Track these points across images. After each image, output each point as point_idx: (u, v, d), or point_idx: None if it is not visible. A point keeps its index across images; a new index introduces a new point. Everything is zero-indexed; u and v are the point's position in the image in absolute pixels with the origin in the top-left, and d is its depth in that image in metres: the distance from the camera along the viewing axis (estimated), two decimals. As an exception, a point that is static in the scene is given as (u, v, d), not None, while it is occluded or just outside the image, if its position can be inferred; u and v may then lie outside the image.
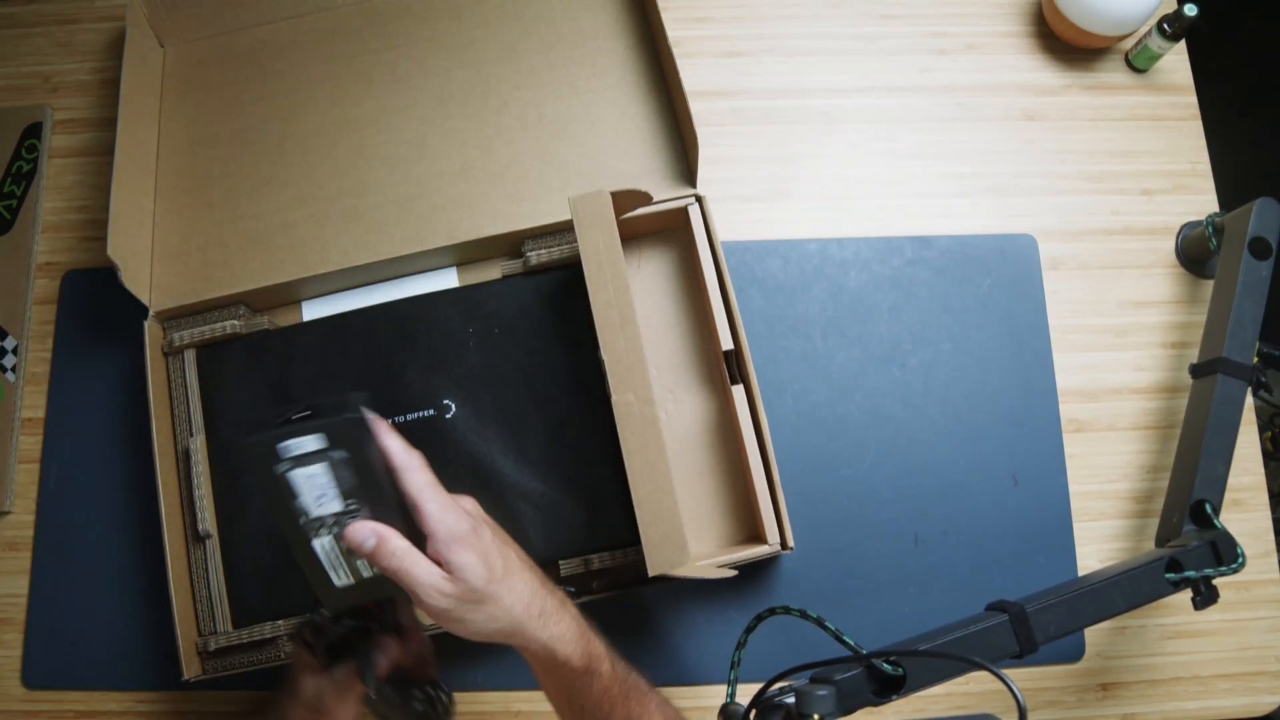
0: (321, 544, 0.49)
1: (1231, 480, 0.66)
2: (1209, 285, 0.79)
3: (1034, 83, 0.85)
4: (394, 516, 0.48)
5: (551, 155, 0.78)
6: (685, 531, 0.60)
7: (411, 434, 0.70)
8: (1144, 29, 0.82)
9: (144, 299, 0.73)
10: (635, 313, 0.64)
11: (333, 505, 0.48)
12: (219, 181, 0.79)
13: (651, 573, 0.59)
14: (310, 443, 0.46)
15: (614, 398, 0.62)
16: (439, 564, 0.48)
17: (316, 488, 0.47)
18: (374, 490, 0.48)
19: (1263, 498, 0.76)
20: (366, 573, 0.50)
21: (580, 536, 0.69)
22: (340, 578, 0.50)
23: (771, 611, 0.52)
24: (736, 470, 0.72)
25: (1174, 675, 0.72)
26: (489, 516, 0.53)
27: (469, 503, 0.52)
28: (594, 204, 0.66)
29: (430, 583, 0.47)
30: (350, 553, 0.49)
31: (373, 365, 0.72)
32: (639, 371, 0.62)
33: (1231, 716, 0.72)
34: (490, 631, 0.49)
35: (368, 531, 0.47)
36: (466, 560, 0.47)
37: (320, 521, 0.48)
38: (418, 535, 0.48)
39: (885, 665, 0.50)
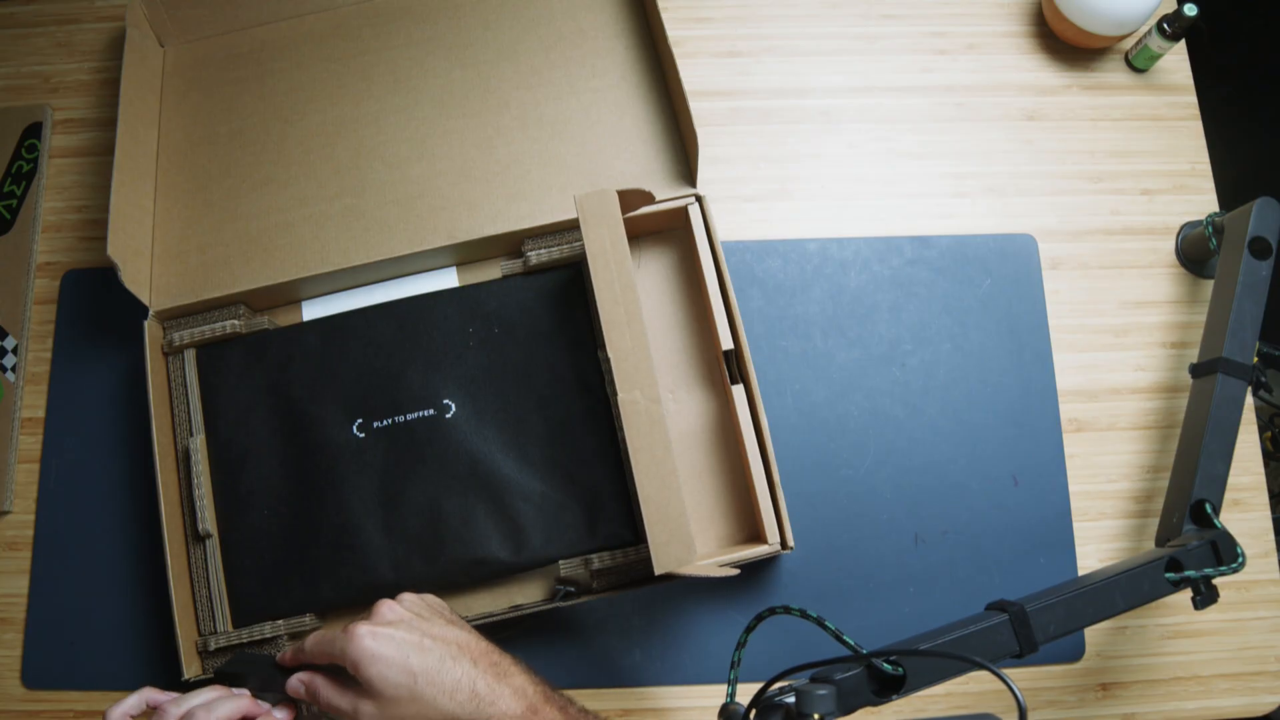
0: None
1: (1231, 480, 0.66)
2: (1209, 285, 0.79)
3: (1034, 83, 0.85)
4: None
5: (551, 155, 0.78)
6: (692, 530, 0.60)
7: (411, 434, 0.71)
8: (1144, 29, 0.82)
9: (144, 299, 0.73)
10: (641, 311, 0.64)
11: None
12: (219, 181, 0.79)
13: (658, 571, 0.59)
14: None
15: (620, 396, 0.62)
16: (364, 685, 0.52)
17: None
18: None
19: (1263, 498, 0.76)
20: None
21: (580, 536, 0.69)
22: None
23: (771, 611, 0.52)
24: (736, 470, 0.72)
25: (1174, 675, 0.72)
26: (405, 613, 0.54)
27: (385, 608, 0.55)
28: (600, 202, 0.66)
29: (353, 707, 0.52)
30: None
31: (373, 365, 0.72)
32: (645, 369, 0.62)
33: (1231, 716, 0.72)
34: None
35: (295, 682, 0.55)
36: (376, 672, 0.51)
37: None
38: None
39: (885, 665, 0.50)
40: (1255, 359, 0.69)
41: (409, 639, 0.52)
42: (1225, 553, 0.61)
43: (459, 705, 0.51)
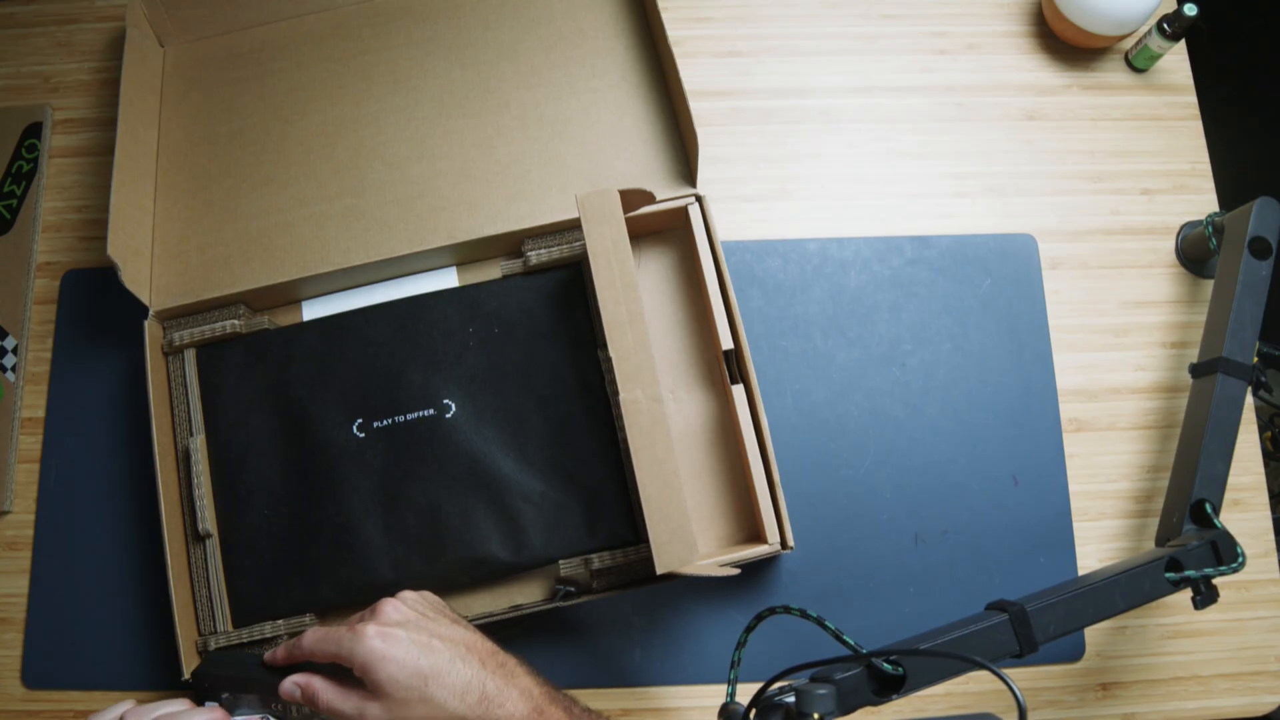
0: None
1: (1231, 480, 0.66)
2: (1209, 285, 0.79)
3: (1034, 83, 0.85)
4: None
5: (551, 155, 0.78)
6: (693, 529, 0.60)
7: (411, 434, 0.71)
8: (1144, 29, 0.82)
9: (144, 299, 0.73)
10: (643, 310, 0.64)
11: None
12: (219, 181, 0.79)
13: (660, 570, 0.59)
14: None
15: (621, 395, 0.62)
16: (369, 687, 0.50)
17: None
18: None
19: (1263, 498, 0.76)
20: None
21: (580, 536, 0.69)
22: None
23: (771, 611, 0.52)
24: (736, 470, 0.72)
25: (1174, 675, 0.72)
26: (410, 613, 0.54)
27: (388, 607, 0.53)
28: (603, 202, 0.66)
29: (357, 709, 0.50)
30: None
31: (373, 365, 0.72)
32: (647, 369, 0.62)
33: (1231, 716, 0.72)
34: None
35: (290, 685, 0.52)
36: (385, 674, 0.50)
37: None
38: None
39: (885, 665, 0.50)
40: (1255, 359, 0.69)
41: (418, 639, 0.51)
42: (1225, 553, 0.61)
43: (469, 707, 0.50)
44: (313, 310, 0.76)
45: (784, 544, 0.66)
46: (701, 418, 0.73)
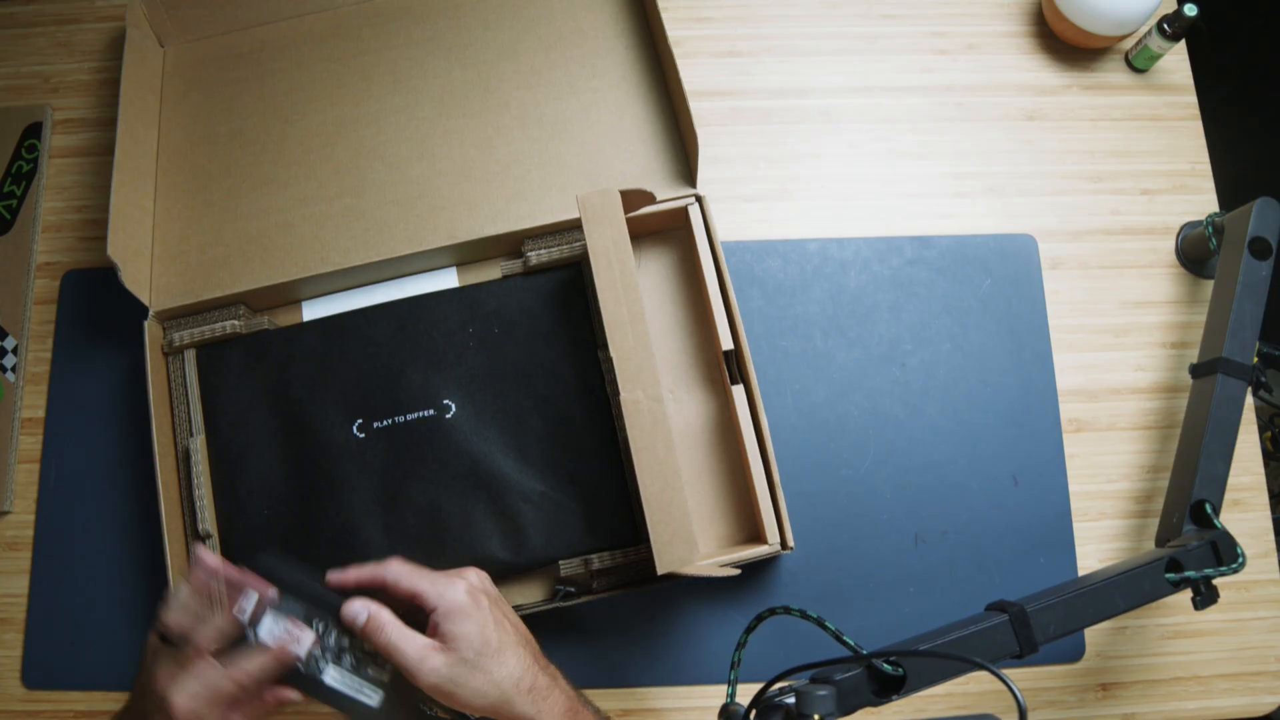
0: (330, 675, 0.52)
1: (1231, 480, 0.66)
2: (1209, 285, 0.79)
3: (1034, 83, 0.85)
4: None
5: (551, 155, 0.78)
6: (694, 529, 0.60)
7: (411, 434, 0.71)
8: (1144, 29, 0.82)
9: (144, 299, 0.73)
10: (644, 310, 0.64)
11: (306, 638, 0.51)
12: (219, 181, 0.79)
13: (661, 570, 0.59)
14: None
15: (622, 395, 0.62)
16: (439, 636, 0.50)
17: (282, 631, 0.51)
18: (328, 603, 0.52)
19: (1263, 498, 0.76)
20: (385, 677, 0.53)
21: (580, 536, 0.69)
22: (370, 697, 0.52)
23: (771, 611, 0.52)
24: (736, 470, 0.72)
25: (1174, 675, 0.72)
26: (493, 589, 0.55)
27: (473, 574, 0.54)
28: (603, 202, 0.66)
29: (420, 655, 0.49)
30: (360, 666, 0.53)
31: (373, 365, 0.72)
32: (648, 369, 0.63)
33: (1231, 716, 0.72)
34: (480, 705, 0.51)
35: (359, 606, 0.50)
36: (463, 630, 0.50)
37: (311, 657, 0.51)
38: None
39: (885, 665, 0.50)
40: (1255, 359, 0.69)
41: (495, 614, 0.53)
42: (1225, 553, 0.61)
43: (519, 692, 0.51)
44: (313, 310, 0.76)
45: (784, 544, 0.66)
46: (701, 418, 0.73)
